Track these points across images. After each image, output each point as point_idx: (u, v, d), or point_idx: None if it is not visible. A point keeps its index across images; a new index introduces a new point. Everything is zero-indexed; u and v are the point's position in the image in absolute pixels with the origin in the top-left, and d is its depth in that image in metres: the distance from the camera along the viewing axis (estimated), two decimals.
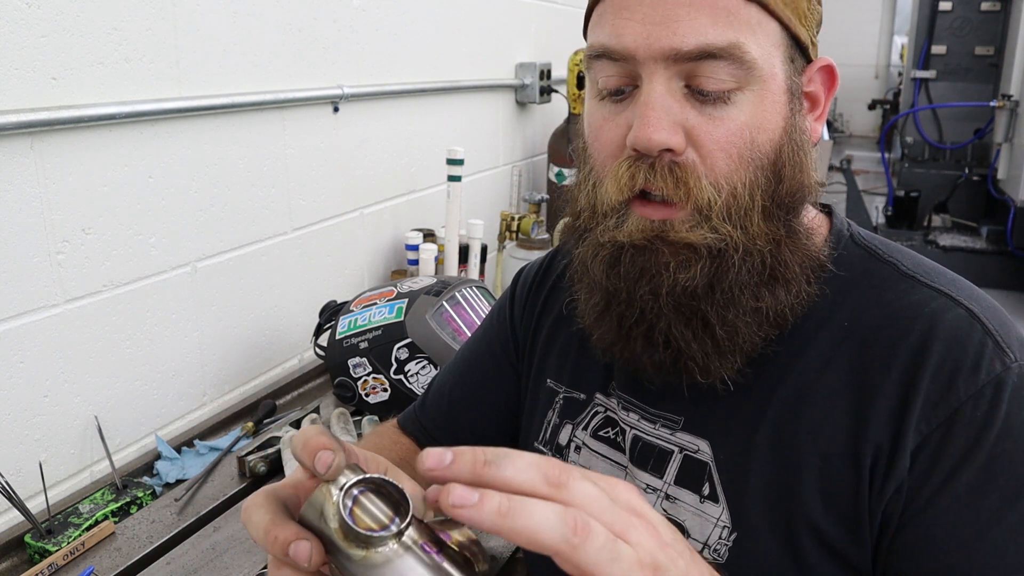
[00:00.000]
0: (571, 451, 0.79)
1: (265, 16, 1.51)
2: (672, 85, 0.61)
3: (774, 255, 0.64)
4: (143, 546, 1.08)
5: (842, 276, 0.68)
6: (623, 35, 0.62)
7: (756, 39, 0.61)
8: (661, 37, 0.60)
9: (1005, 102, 4.10)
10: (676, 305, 0.63)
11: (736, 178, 0.62)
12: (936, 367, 0.61)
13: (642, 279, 0.63)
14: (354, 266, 1.89)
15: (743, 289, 0.63)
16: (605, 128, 0.66)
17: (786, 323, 0.66)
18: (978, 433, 0.59)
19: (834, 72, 0.69)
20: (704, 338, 0.64)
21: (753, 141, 0.62)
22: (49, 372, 1.18)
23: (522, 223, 2.24)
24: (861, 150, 7.82)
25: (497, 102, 2.52)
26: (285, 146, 1.61)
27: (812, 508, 0.63)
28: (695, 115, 0.62)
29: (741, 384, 0.67)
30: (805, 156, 0.66)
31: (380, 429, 1.00)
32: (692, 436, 0.70)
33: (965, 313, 0.63)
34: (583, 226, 0.69)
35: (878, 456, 0.61)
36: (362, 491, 0.46)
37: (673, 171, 0.62)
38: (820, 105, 0.70)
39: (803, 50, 0.66)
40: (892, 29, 8.99)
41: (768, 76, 0.62)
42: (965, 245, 4.54)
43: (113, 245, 1.26)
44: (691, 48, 0.60)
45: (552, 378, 0.83)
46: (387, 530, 0.44)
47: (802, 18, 0.64)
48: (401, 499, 0.46)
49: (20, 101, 1.09)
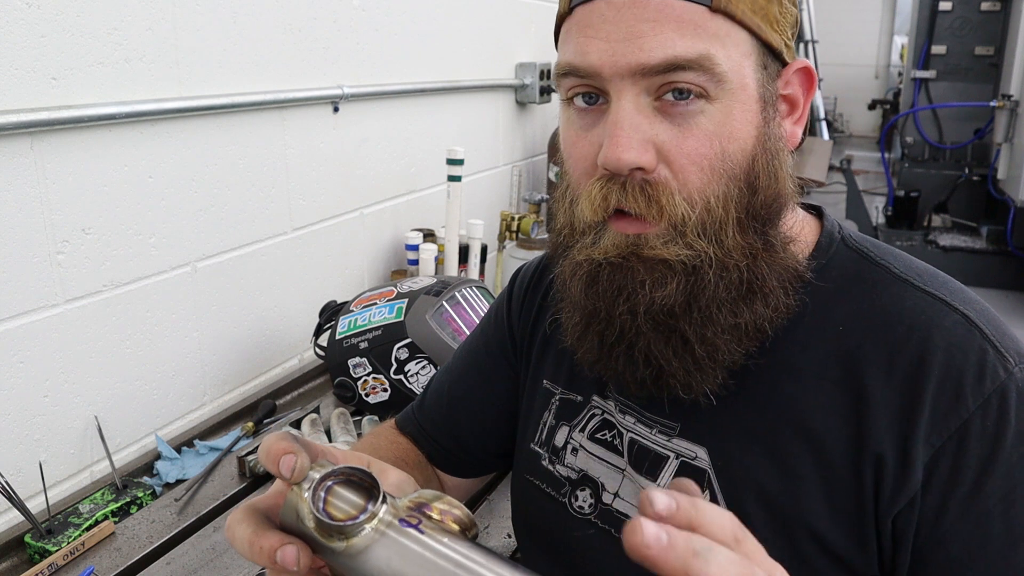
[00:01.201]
0: (568, 453, 0.79)
1: (265, 16, 1.51)
2: (640, 101, 0.61)
3: (751, 269, 0.63)
4: (143, 546, 1.08)
5: (834, 279, 0.68)
6: (588, 53, 0.61)
7: (725, 50, 0.60)
8: (627, 53, 0.59)
9: (1005, 102, 4.10)
10: (654, 324, 0.63)
11: (709, 191, 0.61)
12: (940, 377, 0.61)
13: (619, 297, 0.63)
14: (354, 266, 1.89)
15: (721, 306, 0.63)
16: (578, 145, 0.65)
17: (767, 336, 0.66)
18: (993, 443, 0.59)
19: (812, 73, 0.68)
20: (684, 355, 0.64)
21: (724, 152, 0.61)
22: (49, 372, 1.18)
23: (522, 223, 2.25)
24: (861, 150, 7.82)
25: (497, 102, 2.52)
26: (285, 146, 1.61)
27: (815, 516, 0.63)
28: (664, 129, 0.61)
29: (737, 392, 0.67)
30: (780, 165, 0.65)
31: (377, 430, 1.00)
32: (689, 443, 0.70)
33: (961, 319, 0.63)
34: (564, 243, 0.68)
35: (881, 466, 0.61)
36: (332, 485, 0.47)
37: (645, 189, 0.61)
38: (798, 108, 0.69)
39: (777, 55, 0.65)
40: (892, 29, 8.99)
41: (739, 87, 0.61)
42: (965, 245, 4.55)
43: (113, 245, 1.26)
44: (659, 62, 0.59)
45: (548, 379, 0.83)
46: (361, 516, 0.44)
47: (773, 23, 0.63)
48: (372, 484, 0.46)
49: (20, 101, 1.09)
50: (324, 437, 1.29)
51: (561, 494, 0.79)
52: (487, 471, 0.98)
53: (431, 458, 0.94)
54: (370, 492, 0.46)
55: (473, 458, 0.94)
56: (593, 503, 0.76)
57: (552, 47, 0.70)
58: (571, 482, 0.78)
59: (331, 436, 1.31)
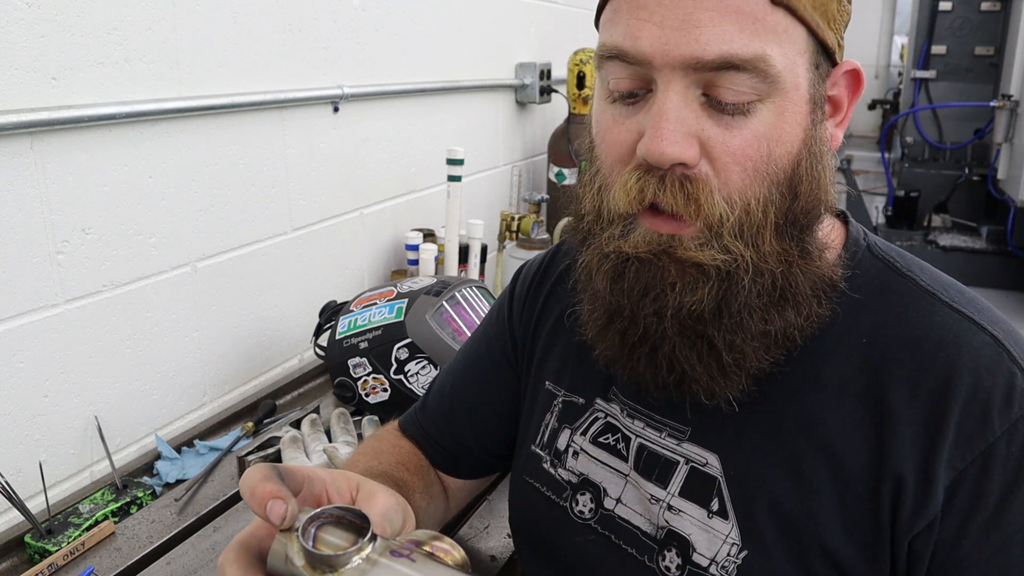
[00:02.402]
0: (569, 456, 0.78)
1: (265, 16, 1.51)
2: (689, 94, 0.58)
3: (785, 276, 0.61)
4: (143, 546, 1.08)
5: (860, 289, 0.66)
6: (639, 38, 0.58)
7: (782, 48, 0.58)
8: (681, 44, 0.56)
9: (1005, 102, 4.10)
10: (681, 328, 0.61)
11: (750, 193, 0.59)
12: (967, 398, 0.59)
13: (646, 297, 0.61)
14: (354, 266, 1.89)
15: (752, 312, 0.60)
16: (614, 131, 0.62)
17: (795, 345, 0.64)
18: (1017, 469, 0.58)
19: (860, 76, 0.66)
20: (709, 361, 0.62)
21: (771, 155, 0.59)
22: (49, 372, 1.18)
23: (522, 223, 2.25)
24: (861, 150, 7.81)
25: (497, 102, 2.52)
26: (285, 146, 1.61)
27: (829, 531, 0.62)
28: (711, 126, 0.58)
29: (753, 398, 0.65)
30: (824, 169, 0.63)
31: (380, 432, 0.99)
32: (700, 448, 0.69)
33: (989, 339, 0.62)
34: (587, 230, 0.66)
35: (900, 486, 0.60)
36: (322, 524, 0.46)
37: (684, 186, 0.59)
38: (842, 110, 0.67)
39: (829, 55, 0.63)
40: (892, 29, 8.98)
41: (791, 87, 0.59)
42: (965, 245, 4.54)
43: (113, 245, 1.26)
44: (713, 57, 0.56)
45: (551, 380, 0.82)
46: (350, 548, 0.44)
47: (831, 21, 0.61)
48: (361, 521, 0.46)
49: (20, 101, 1.09)
50: (324, 437, 1.29)
51: (562, 498, 0.78)
52: (490, 472, 0.98)
53: (433, 460, 0.94)
54: (360, 530, 0.46)
55: (475, 459, 0.93)
56: (594, 508, 0.75)
57: (552, 47, 0.69)
58: (572, 486, 0.77)
59: (331, 436, 1.31)
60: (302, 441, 1.27)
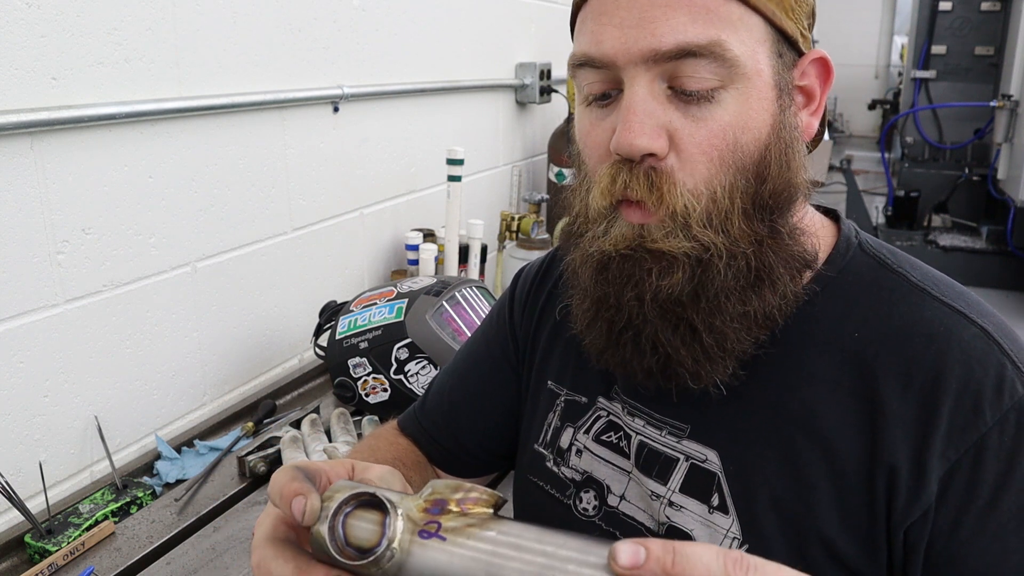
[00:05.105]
0: (572, 454, 0.79)
1: (265, 16, 1.51)
2: (655, 87, 0.61)
3: (757, 256, 0.63)
4: (143, 546, 1.08)
5: (851, 284, 0.67)
6: (602, 41, 0.61)
7: (738, 35, 0.60)
8: (639, 39, 0.59)
9: (1005, 102, 4.10)
10: (661, 311, 0.63)
11: (716, 182, 0.61)
12: (958, 390, 0.60)
13: (628, 284, 0.63)
14: (354, 266, 1.89)
15: (729, 295, 0.62)
16: (592, 133, 0.65)
17: (775, 324, 0.65)
18: (1010, 458, 0.59)
19: (828, 64, 0.67)
20: (692, 344, 0.63)
21: (736, 143, 0.61)
22: (49, 372, 1.18)
23: (522, 223, 2.25)
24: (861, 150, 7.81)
25: (497, 102, 2.52)
26: (285, 146, 1.61)
27: (827, 523, 0.63)
28: (678, 116, 0.61)
29: (749, 395, 0.67)
30: (794, 154, 0.65)
31: (378, 431, 1.00)
32: (699, 445, 0.70)
33: (980, 332, 0.63)
34: (577, 231, 0.69)
35: (894, 477, 0.61)
36: (347, 513, 0.48)
37: (650, 176, 0.61)
38: (815, 99, 0.68)
39: (792, 43, 0.64)
40: (892, 29, 8.98)
41: (753, 73, 0.61)
42: (965, 245, 4.54)
43: (113, 245, 1.26)
44: (670, 47, 0.59)
45: (553, 380, 0.83)
46: (379, 547, 0.45)
47: (788, 11, 0.63)
48: (379, 500, 0.47)
49: (20, 101, 1.09)
50: (324, 437, 1.29)
51: (566, 496, 0.78)
52: (488, 472, 0.98)
53: (432, 458, 0.94)
54: (382, 507, 0.47)
55: (474, 459, 0.94)
56: (597, 505, 0.76)
57: (552, 47, 0.70)
58: (575, 484, 0.78)
59: (331, 436, 1.31)
60: (302, 441, 1.27)
